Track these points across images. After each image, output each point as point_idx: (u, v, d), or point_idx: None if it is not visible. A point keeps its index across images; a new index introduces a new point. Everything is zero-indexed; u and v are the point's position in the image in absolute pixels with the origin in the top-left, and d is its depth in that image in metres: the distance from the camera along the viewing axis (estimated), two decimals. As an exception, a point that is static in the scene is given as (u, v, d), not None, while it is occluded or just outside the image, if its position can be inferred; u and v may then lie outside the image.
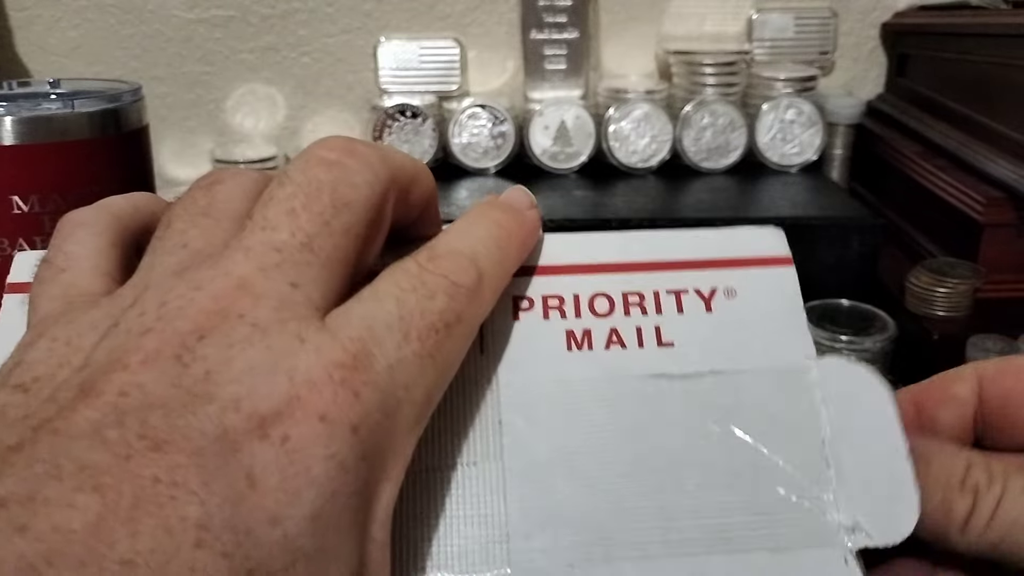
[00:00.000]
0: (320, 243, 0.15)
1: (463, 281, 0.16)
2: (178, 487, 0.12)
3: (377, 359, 0.15)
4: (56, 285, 0.17)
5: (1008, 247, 0.46)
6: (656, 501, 0.17)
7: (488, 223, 0.18)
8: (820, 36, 0.64)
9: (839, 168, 0.61)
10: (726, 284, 0.19)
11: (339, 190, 0.16)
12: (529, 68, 0.61)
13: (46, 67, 0.64)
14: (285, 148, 0.66)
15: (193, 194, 0.17)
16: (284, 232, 0.15)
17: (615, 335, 0.19)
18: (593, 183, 0.56)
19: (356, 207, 0.16)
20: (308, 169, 0.16)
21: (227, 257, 0.15)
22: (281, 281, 0.15)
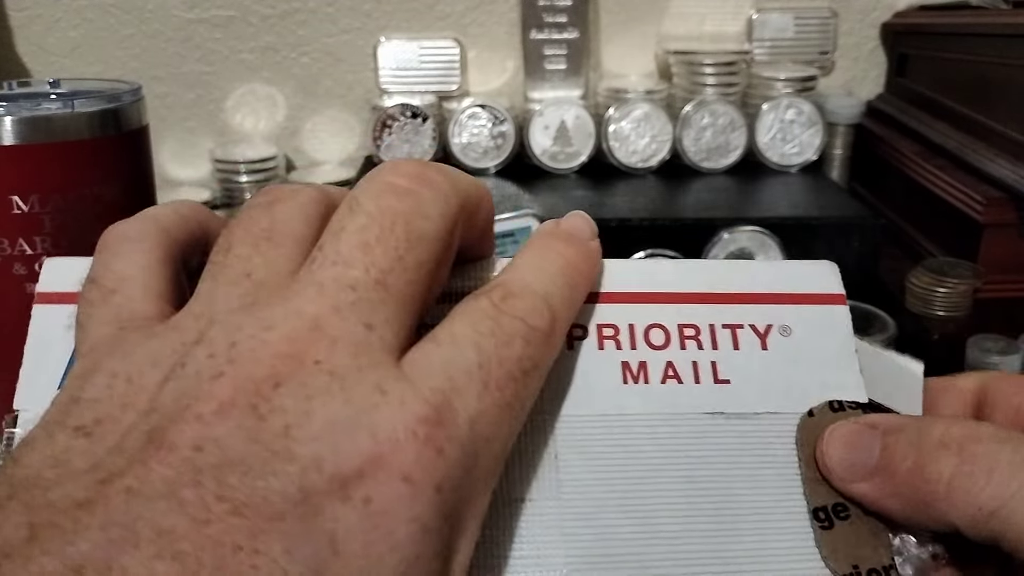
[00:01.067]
0: (394, 280, 0.15)
1: (538, 324, 0.16)
2: (260, 555, 0.12)
3: (459, 412, 0.14)
4: (106, 308, 0.16)
5: (1008, 247, 0.46)
6: (712, 545, 0.17)
7: (557, 258, 0.17)
8: (820, 36, 0.64)
9: (839, 168, 0.61)
10: (781, 321, 0.19)
11: (413, 222, 0.15)
12: (529, 68, 0.61)
13: (46, 67, 0.64)
14: (285, 148, 0.66)
15: (252, 214, 0.17)
16: (358, 268, 0.15)
17: (671, 368, 0.18)
18: (593, 183, 0.56)
19: (429, 240, 0.15)
20: (381, 197, 0.15)
21: (299, 293, 0.14)
22: (356, 322, 0.14)
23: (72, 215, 0.38)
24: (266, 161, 0.62)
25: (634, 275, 0.20)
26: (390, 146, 0.59)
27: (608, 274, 0.19)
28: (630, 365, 0.18)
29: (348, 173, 0.62)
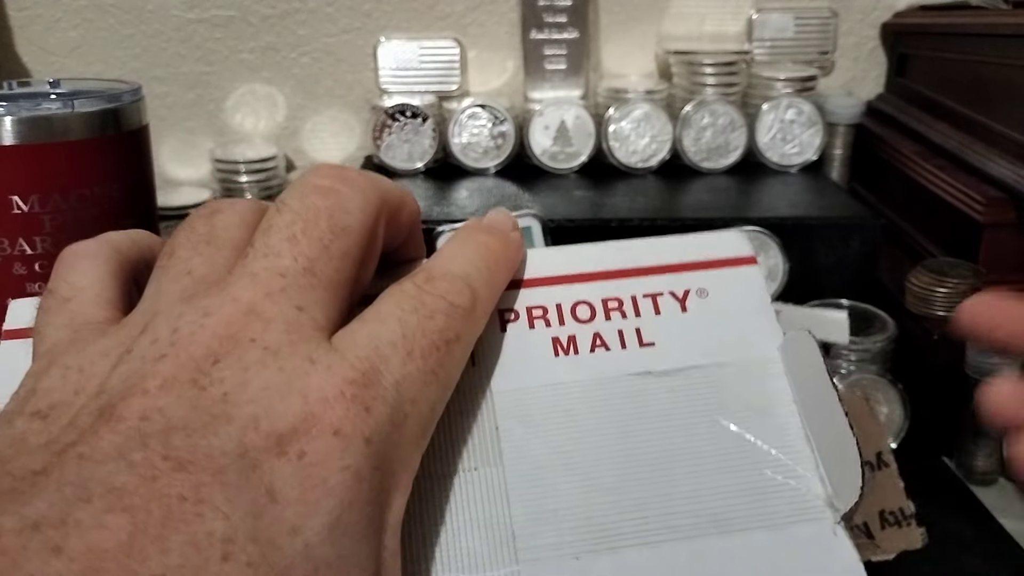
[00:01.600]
0: (321, 267, 0.16)
1: (459, 301, 0.17)
2: (203, 504, 0.13)
3: (384, 376, 0.15)
4: (62, 314, 0.17)
5: (1008, 247, 0.46)
6: (653, 490, 0.18)
7: (477, 246, 0.19)
8: (820, 36, 0.64)
9: (839, 168, 0.61)
10: (698, 285, 0.21)
11: (335, 216, 0.17)
12: (529, 68, 0.61)
13: (46, 67, 0.64)
14: (285, 148, 0.66)
15: (193, 223, 0.18)
16: (287, 258, 0.16)
17: (599, 339, 0.20)
18: (593, 183, 0.56)
19: (352, 231, 0.17)
20: (304, 197, 0.17)
21: (233, 283, 0.16)
22: (287, 305, 0.16)
23: (72, 215, 0.38)
24: (266, 161, 0.62)
25: (558, 260, 0.21)
26: (390, 146, 0.59)
27: (534, 261, 0.21)
28: (560, 340, 0.20)
29: (348, 173, 0.62)
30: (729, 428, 0.19)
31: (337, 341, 0.16)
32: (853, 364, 0.44)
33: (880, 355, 0.44)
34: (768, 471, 0.18)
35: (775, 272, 0.47)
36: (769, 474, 0.18)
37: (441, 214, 0.50)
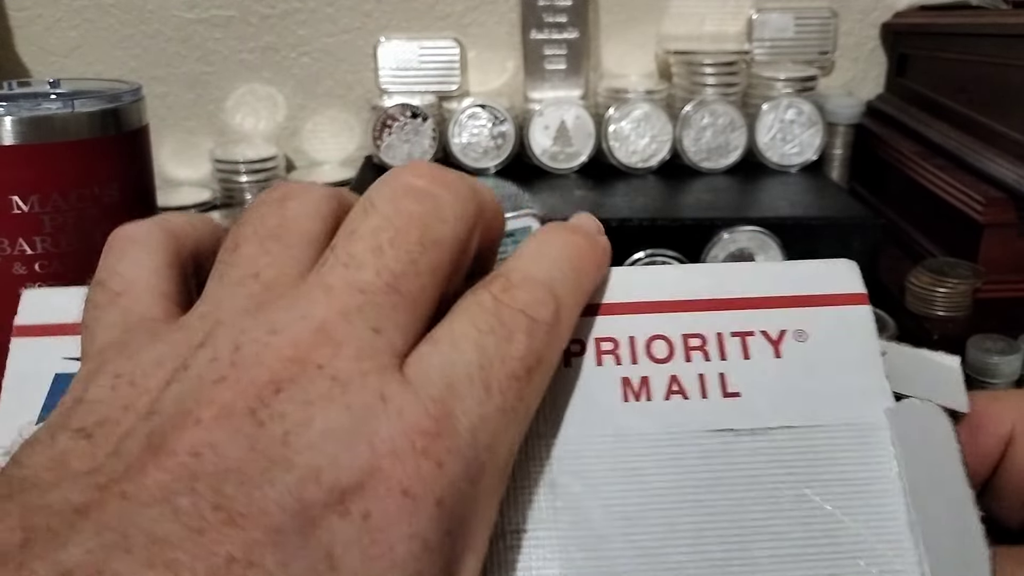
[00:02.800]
0: (406, 284, 0.15)
1: (542, 316, 0.15)
2: (254, 568, 0.12)
3: (460, 419, 0.14)
4: (113, 311, 0.16)
5: (1008, 247, 0.46)
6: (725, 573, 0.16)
7: (561, 244, 0.17)
8: (820, 36, 0.64)
9: (839, 168, 0.61)
10: (796, 325, 0.18)
11: (430, 225, 0.15)
12: (529, 68, 0.61)
13: (46, 67, 0.64)
14: (285, 148, 0.66)
15: (261, 211, 0.16)
16: (369, 271, 0.14)
17: (675, 383, 0.17)
18: (593, 183, 0.56)
19: (445, 244, 0.15)
20: (396, 199, 0.15)
21: (306, 295, 0.14)
22: (363, 326, 0.14)
23: (72, 215, 0.38)
24: (266, 161, 0.62)
25: (634, 283, 0.18)
26: (390, 146, 0.59)
27: (606, 284, 0.18)
28: (631, 381, 0.17)
29: (348, 173, 0.62)
30: (821, 505, 0.16)
31: (410, 370, 0.14)
32: (853, 364, 0.44)
33: (880, 355, 0.44)
34: (862, 562, 0.16)
35: (775, 272, 0.47)
36: (862, 565, 0.16)
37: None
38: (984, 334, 0.42)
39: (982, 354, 0.41)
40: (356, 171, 0.61)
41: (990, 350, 0.41)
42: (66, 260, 0.38)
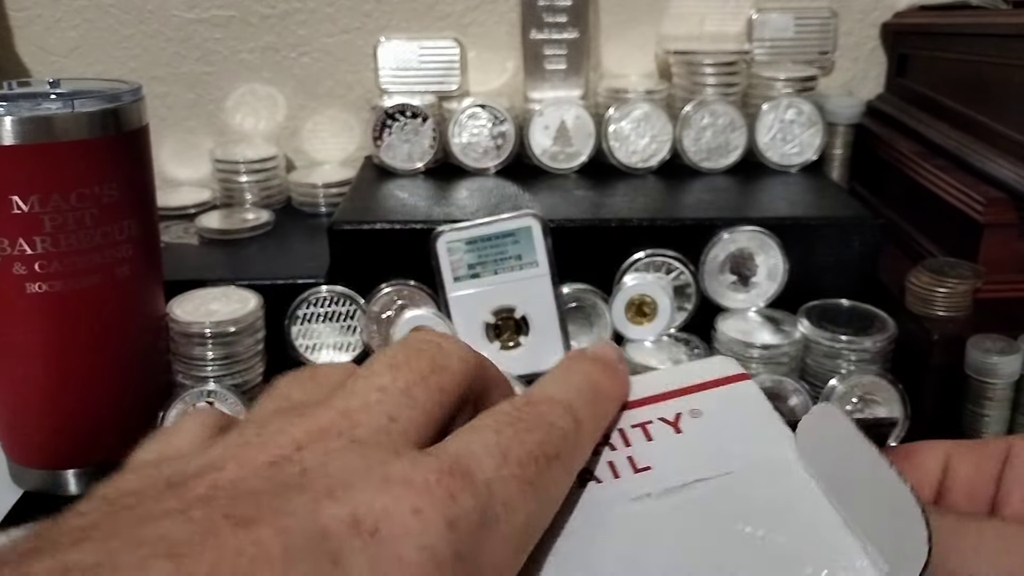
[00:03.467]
0: (418, 392, 0.16)
1: (561, 423, 0.16)
2: (260, 562, 0.12)
3: (475, 473, 0.14)
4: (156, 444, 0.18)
5: (1008, 247, 0.46)
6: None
7: (581, 375, 0.18)
8: (820, 36, 0.64)
9: (839, 168, 0.61)
10: (689, 407, 0.20)
11: (437, 358, 0.17)
12: (529, 68, 0.61)
13: (46, 67, 0.64)
14: (285, 148, 0.66)
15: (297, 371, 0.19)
16: (386, 378, 0.16)
17: (587, 473, 0.18)
18: (593, 183, 0.56)
19: (452, 372, 0.17)
20: (407, 340, 0.18)
21: (330, 398, 0.16)
22: (380, 414, 0.15)
23: (72, 215, 0.38)
24: (266, 161, 0.62)
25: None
26: (390, 146, 0.59)
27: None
28: None
29: (348, 173, 0.62)
30: (754, 534, 0.17)
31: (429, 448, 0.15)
32: (853, 364, 0.44)
33: (880, 355, 0.44)
34: (808, 569, 0.16)
35: (775, 272, 0.47)
36: (810, 572, 0.16)
37: (441, 214, 0.50)
38: (984, 334, 0.42)
39: (982, 354, 0.41)
40: (356, 171, 0.61)
41: (990, 350, 0.41)
42: (66, 260, 0.38)
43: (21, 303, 0.38)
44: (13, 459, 0.42)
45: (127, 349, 0.42)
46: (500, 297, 0.45)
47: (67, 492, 0.42)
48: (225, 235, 0.56)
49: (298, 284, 0.47)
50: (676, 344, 0.47)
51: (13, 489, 0.42)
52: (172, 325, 0.44)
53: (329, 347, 0.47)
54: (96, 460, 0.42)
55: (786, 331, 0.46)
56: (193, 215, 0.59)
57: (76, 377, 0.40)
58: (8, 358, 0.40)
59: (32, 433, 0.41)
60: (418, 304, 0.46)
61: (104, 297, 0.40)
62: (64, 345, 0.39)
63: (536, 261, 0.45)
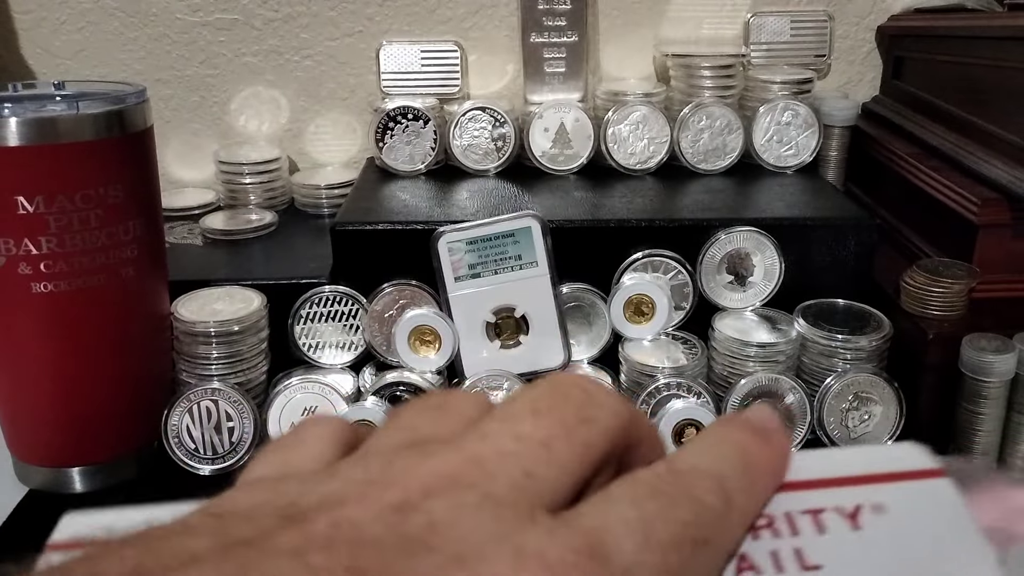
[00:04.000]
0: (560, 446, 0.14)
1: (709, 500, 0.14)
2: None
3: (614, 557, 0.13)
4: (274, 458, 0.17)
5: (1003, 247, 0.46)
6: None
7: (733, 445, 0.16)
8: (816, 39, 0.64)
9: (834, 169, 0.61)
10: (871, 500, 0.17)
11: (585, 408, 0.15)
12: (529, 71, 0.62)
13: (51, 69, 0.65)
14: (288, 150, 0.66)
15: (426, 396, 0.17)
16: (526, 424, 0.14)
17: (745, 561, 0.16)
18: (592, 184, 0.56)
19: (600, 427, 0.15)
20: (554, 382, 0.16)
21: (461, 438, 0.14)
22: (517, 468, 0.14)
23: (77, 216, 0.38)
24: (270, 163, 0.63)
25: None
26: (392, 148, 0.59)
27: None
28: None
29: (351, 175, 0.63)
30: None
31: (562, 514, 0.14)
32: (849, 363, 0.45)
33: (875, 354, 0.45)
34: None
35: (771, 272, 0.48)
36: None
37: (442, 215, 0.50)
38: (979, 333, 0.43)
39: (977, 353, 0.41)
40: (358, 172, 0.62)
41: (985, 349, 0.42)
42: (71, 260, 0.38)
43: (26, 303, 0.39)
44: (18, 457, 0.43)
45: (132, 348, 0.42)
46: (500, 297, 0.46)
47: (72, 490, 0.42)
48: (229, 236, 0.56)
49: (301, 284, 0.47)
50: (674, 343, 0.47)
51: (18, 487, 0.43)
52: (176, 324, 0.45)
53: (332, 346, 0.47)
54: (100, 458, 0.42)
55: (782, 330, 0.46)
56: (197, 216, 0.60)
57: (80, 376, 0.41)
58: (13, 357, 0.40)
59: (37, 431, 0.42)
60: (419, 304, 0.46)
61: (109, 297, 0.40)
62: (69, 344, 0.40)
63: (536, 261, 0.45)
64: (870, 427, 0.45)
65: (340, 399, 0.45)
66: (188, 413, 0.44)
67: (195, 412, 0.44)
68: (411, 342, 0.45)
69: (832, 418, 0.45)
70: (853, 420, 0.45)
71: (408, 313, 0.45)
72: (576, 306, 0.47)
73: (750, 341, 0.45)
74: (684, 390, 0.44)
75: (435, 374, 0.46)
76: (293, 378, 0.46)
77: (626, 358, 0.46)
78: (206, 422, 0.44)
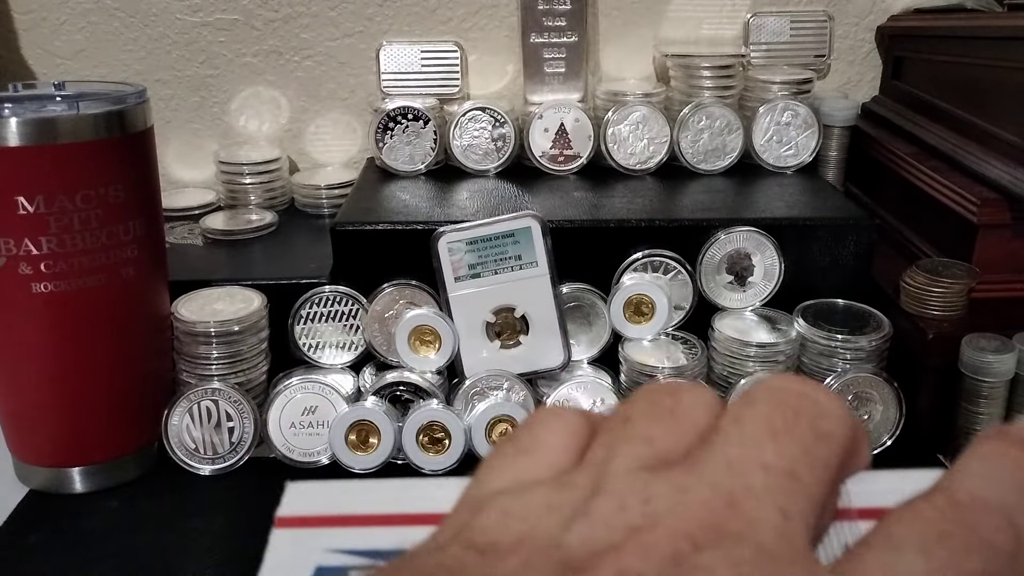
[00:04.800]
0: (804, 472, 0.14)
1: (999, 542, 0.13)
2: None
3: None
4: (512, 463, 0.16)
5: (1002, 247, 0.46)
6: None
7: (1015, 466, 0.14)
8: (816, 39, 0.64)
9: (834, 170, 0.62)
10: None
11: (818, 421, 0.14)
12: (529, 71, 0.62)
13: (51, 69, 0.65)
14: (288, 150, 0.67)
15: (654, 396, 0.16)
16: (768, 452, 0.14)
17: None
18: (592, 185, 0.57)
19: (836, 441, 0.14)
20: (776, 391, 0.15)
21: (706, 465, 0.14)
22: (771, 507, 0.13)
23: (77, 216, 0.38)
24: (270, 163, 0.63)
25: None
26: (392, 148, 0.59)
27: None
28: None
29: (351, 175, 0.63)
30: None
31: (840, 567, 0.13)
32: (848, 362, 0.45)
33: (875, 354, 0.45)
34: None
35: (771, 272, 0.48)
36: None
37: (442, 215, 0.50)
38: (979, 333, 0.43)
39: (977, 353, 0.42)
40: (358, 173, 0.62)
41: (984, 349, 0.42)
42: (71, 260, 0.39)
43: (27, 303, 0.39)
44: (19, 457, 0.43)
45: (132, 348, 0.42)
46: (500, 297, 0.46)
47: (72, 490, 0.42)
48: (229, 236, 0.56)
49: (301, 284, 0.47)
50: (674, 343, 0.47)
51: (18, 486, 0.43)
52: (177, 324, 0.45)
53: (332, 346, 0.48)
54: (100, 458, 0.42)
55: (782, 330, 0.46)
56: (198, 216, 0.60)
57: (81, 376, 0.41)
58: (14, 357, 0.40)
59: (37, 431, 0.42)
60: (419, 304, 0.46)
61: (109, 297, 0.40)
62: (69, 344, 0.40)
63: (536, 261, 0.45)
64: (870, 427, 0.45)
65: (340, 399, 0.45)
66: (188, 413, 0.44)
67: (195, 412, 0.44)
68: (411, 342, 0.46)
69: (832, 418, 0.44)
70: (853, 420, 0.45)
71: (408, 313, 0.45)
72: (576, 306, 0.47)
73: (750, 341, 0.45)
74: (684, 390, 0.44)
75: (435, 374, 0.46)
76: (293, 378, 0.46)
77: (626, 358, 0.46)
78: (206, 422, 0.44)
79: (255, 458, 0.44)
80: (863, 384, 0.44)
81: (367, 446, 0.44)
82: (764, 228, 0.47)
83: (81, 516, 0.41)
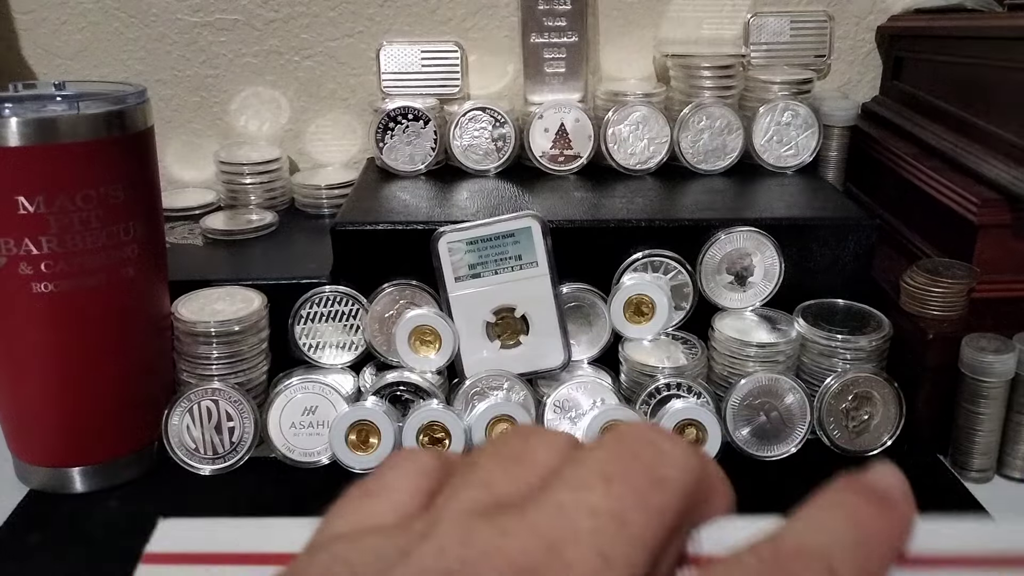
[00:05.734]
0: (635, 517, 0.14)
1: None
2: None
3: None
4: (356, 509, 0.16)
5: (1003, 247, 0.46)
6: None
7: (845, 516, 0.15)
8: (816, 39, 0.64)
9: (834, 170, 0.62)
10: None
11: (657, 466, 0.15)
12: (529, 71, 0.62)
13: (51, 69, 0.65)
14: (289, 150, 0.67)
15: (506, 440, 0.17)
16: (598, 494, 0.14)
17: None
18: (592, 185, 0.57)
19: (674, 488, 0.15)
20: (621, 438, 0.15)
21: (538, 508, 0.14)
22: (592, 552, 0.13)
23: (77, 216, 0.38)
24: (270, 163, 0.63)
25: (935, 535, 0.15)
26: (392, 148, 0.59)
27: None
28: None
29: (351, 175, 0.63)
30: None
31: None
32: (848, 362, 0.45)
33: (875, 353, 0.45)
34: None
35: (771, 272, 0.48)
36: None
37: (442, 215, 0.50)
38: (979, 333, 0.43)
39: (977, 353, 0.42)
40: (358, 173, 0.62)
41: (985, 349, 0.42)
42: (71, 260, 0.39)
43: (27, 303, 0.39)
44: (19, 457, 0.43)
45: (132, 348, 0.42)
46: (500, 297, 0.46)
47: (72, 490, 0.42)
48: (229, 236, 0.56)
49: (301, 284, 0.47)
50: (674, 343, 0.47)
51: (18, 486, 0.43)
52: (177, 324, 0.45)
53: (332, 346, 0.48)
54: (100, 458, 0.42)
55: (782, 330, 0.46)
56: (198, 216, 0.60)
57: (81, 376, 0.41)
58: (14, 357, 0.40)
59: (38, 431, 0.42)
60: (419, 304, 0.46)
61: (109, 297, 0.40)
62: (69, 344, 0.40)
63: (536, 261, 0.45)
64: (870, 427, 0.45)
65: (340, 399, 0.45)
66: (188, 413, 0.44)
67: (195, 412, 0.44)
68: (411, 342, 0.46)
69: (832, 418, 0.45)
70: (853, 420, 0.45)
71: (408, 313, 0.45)
72: (576, 306, 0.47)
73: (750, 341, 0.45)
74: (684, 390, 0.44)
75: (435, 374, 0.46)
76: (293, 378, 0.46)
77: (626, 358, 0.46)
78: (206, 422, 0.44)
79: (255, 458, 0.44)
80: (863, 384, 0.44)
81: (367, 446, 0.44)
82: (764, 228, 0.47)
83: (81, 516, 0.41)
